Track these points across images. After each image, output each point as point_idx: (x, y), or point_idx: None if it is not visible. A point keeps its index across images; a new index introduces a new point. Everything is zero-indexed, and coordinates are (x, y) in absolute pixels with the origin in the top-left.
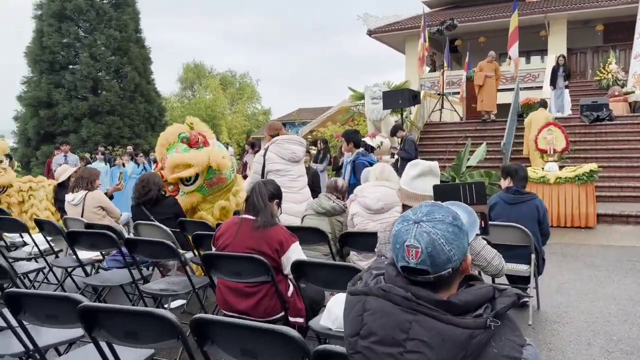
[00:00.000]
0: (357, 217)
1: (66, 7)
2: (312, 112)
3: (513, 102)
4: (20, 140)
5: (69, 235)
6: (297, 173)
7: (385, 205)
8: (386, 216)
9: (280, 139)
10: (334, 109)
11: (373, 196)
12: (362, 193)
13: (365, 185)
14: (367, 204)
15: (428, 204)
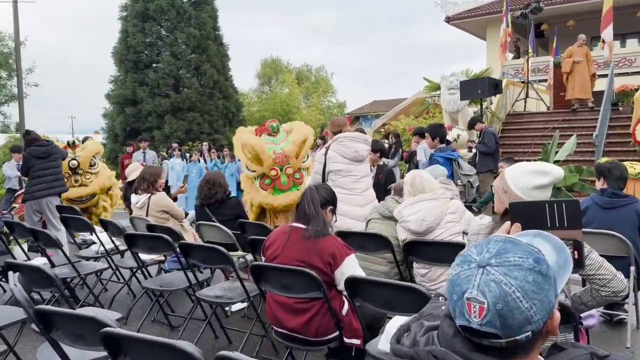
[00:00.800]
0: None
1: (149, 8)
2: (386, 105)
3: (607, 90)
4: (108, 137)
5: (127, 238)
6: (361, 173)
7: (432, 223)
8: (439, 233)
9: (343, 137)
10: (408, 101)
11: (414, 218)
12: (402, 216)
13: (402, 206)
14: (412, 229)
15: (500, 239)
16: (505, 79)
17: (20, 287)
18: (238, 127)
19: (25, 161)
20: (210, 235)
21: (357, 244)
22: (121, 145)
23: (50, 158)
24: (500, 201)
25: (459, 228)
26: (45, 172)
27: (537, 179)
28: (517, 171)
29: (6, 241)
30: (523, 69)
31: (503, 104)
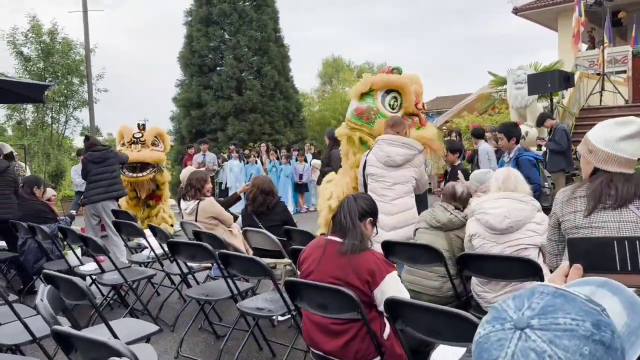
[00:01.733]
0: (477, 239)
1: (212, 12)
2: (450, 101)
3: None
4: (176, 139)
5: (170, 246)
6: (394, 180)
7: (514, 223)
8: (516, 237)
9: (381, 139)
10: (472, 97)
11: (496, 212)
12: (481, 208)
13: (484, 199)
14: (490, 223)
15: (548, 290)
16: (579, 71)
17: (46, 302)
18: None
19: (83, 166)
20: (256, 241)
21: (405, 255)
22: (187, 148)
23: (106, 163)
24: (587, 163)
25: (539, 240)
26: (101, 177)
27: (622, 129)
28: (599, 127)
29: (61, 246)
30: (598, 60)
31: (576, 98)
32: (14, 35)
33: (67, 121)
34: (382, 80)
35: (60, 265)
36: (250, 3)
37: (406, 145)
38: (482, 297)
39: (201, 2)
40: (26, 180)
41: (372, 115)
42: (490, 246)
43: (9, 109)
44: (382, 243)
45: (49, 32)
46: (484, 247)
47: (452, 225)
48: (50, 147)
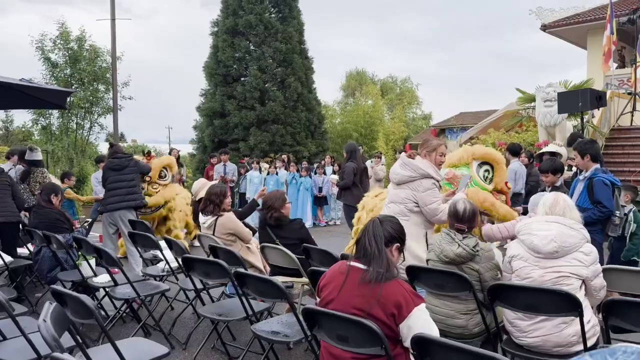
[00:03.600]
0: (517, 261)
1: (238, 23)
2: (474, 117)
3: None
4: (198, 148)
5: (184, 261)
6: (390, 198)
7: (560, 248)
8: (559, 264)
9: (400, 157)
10: (498, 113)
11: (543, 234)
12: (527, 229)
13: (532, 220)
14: (535, 245)
15: (631, 350)
16: (609, 90)
17: (49, 323)
18: (319, 139)
19: (103, 173)
20: (274, 258)
21: (431, 282)
22: (209, 157)
23: (125, 171)
24: None
25: (584, 272)
26: (119, 185)
27: None
28: None
29: (76, 256)
30: (630, 79)
31: (606, 118)
32: (43, 41)
33: (92, 127)
34: (481, 152)
35: (74, 275)
36: (276, 15)
37: (407, 166)
38: (516, 325)
39: (228, 13)
40: (44, 187)
41: (467, 182)
42: (530, 269)
43: (35, 114)
44: (407, 268)
45: (77, 39)
46: (523, 270)
47: (461, 259)
48: (74, 152)
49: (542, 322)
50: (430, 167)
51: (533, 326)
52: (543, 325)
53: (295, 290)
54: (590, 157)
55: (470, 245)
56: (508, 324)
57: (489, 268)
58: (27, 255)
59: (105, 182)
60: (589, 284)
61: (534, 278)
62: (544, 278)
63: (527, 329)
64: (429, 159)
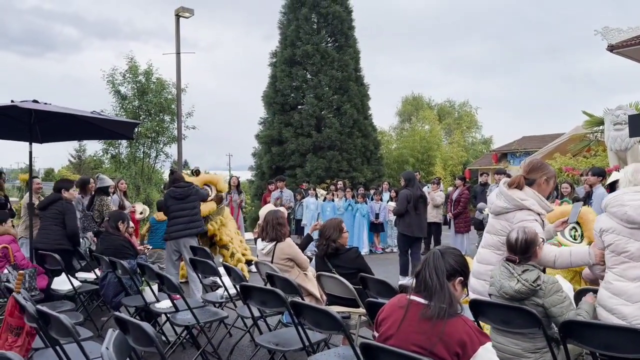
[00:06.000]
0: (610, 235)
1: (296, 54)
2: (538, 140)
3: None
4: (256, 174)
5: (242, 289)
6: (487, 228)
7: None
8: None
9: (502, 181)
10: (564, 137)
11: (637, 204)
12: (617, 201)
13: (619, 193)
14: (629, 216)
15: None
16: None
17: (111, 351)
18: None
19: (164, 200)
20: (330, 287)
21: (497, 317)
22: (267, 183)
23: (188, 200)
24: None
25: None
26: (182, 213)
27: None
28: None
29: (139, 281)
30: None
31: None
32: (113, 75)
33: (157, 156)
34: (561, 212)
35: (137, 301)
36: (332, 44)
37: (504, 197)
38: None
39: (286, 44)
40: (111, 215)
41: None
42: (625, 242)
43: (105, 144)
44: (471, 302)
45: (145, 73)
46: (618, 244)
47: (521, 296)
48: (141, 180)
49: None
50: (534, 197)
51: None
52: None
53: (352, 321)
54: None
55: (531, 280)
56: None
57: (557, 302)
58: (94, 280)
59: (167, 210)
60: None
61: (632, 251)
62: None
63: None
64: (540, 188)
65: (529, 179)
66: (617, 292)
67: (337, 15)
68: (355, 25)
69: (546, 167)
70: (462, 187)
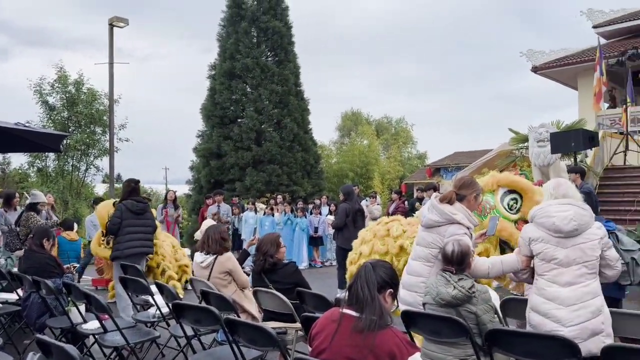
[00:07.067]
0: (538, 244)
1: (235, 67)
2: (469, 156)
3: None
4: (194, 188)
5: (174, 307)
6: (417, 240)
7: (579, 226)
8: (579, 241)
9: (432, 196)
10: (492, 153)
11: (563, 215)
12: (545, 212)
13: (545, 205)
14: (557, 226)
15: None
16: (601, 130)
17: None
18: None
19: (119, 213)
20: (267, 303)
21: (427, 328)
22: (205, 197)
23: (146, 216)
24: None
25: (599, 246)
26: (139, 229)
27: None
28: None
29: (65, 301)
30: (621, 119)
31: (600, 158)
32: (41, 85)
33: (87, 169)
34: (507, 180)
35: (63, 322)
36: (272, 59)
37: (436, 211)
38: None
39: (225, 57)
40: (36, 231)
41: (486, 209)
42: (553, 250)
43: (31, 157)
44: (402, 313)
45: (75, 83)
46: (547, 252)
47: (457, 302)
48: (70, 195)
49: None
50: (464, 212)
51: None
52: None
53: (289, 336)
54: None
55: (466, 287)
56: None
57: (486, 310)
58: (15, 301)
59: (120, 225)
60: (604, 255)
61: (560, 259)
62: (570, 257)
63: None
64: (469, 204)
65: (459, 195)
66: (551, 297)
67: (276, 30)
68: (295, 41)
69: (475, 184)
70: (398, 201)
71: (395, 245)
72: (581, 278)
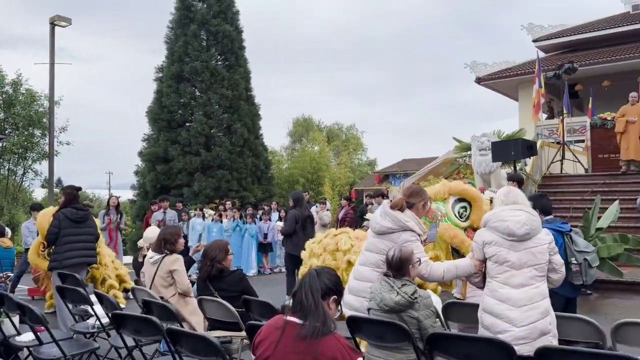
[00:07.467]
0: (492, 247)
1: (184, 70)
2: (416, 163)
3: None
4: (139, 194)
5: (114, 318)
6: (366, 246)
7: (531, 230)
8: (530, 245)
9: (383, 203)
10: (438, 161)
11: (516, 219)
12: (498, 217)
13: (498, 210)
14: (510, 229)
15: None
16: (540, 140)
17: None
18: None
19: (58, 221)
20: (212, 311)
21: (372, 333)
22: (150, 203)
23: (86, 224)
24: None
25: (547, 250)
26: (79, 238)
27: None
28: None
29: None
30: (558, 129)
31: (538, 166)
32: None
33: (25, 173)
34: (458, 188)
35: None
36: (222, 63)
37: (389, 218)
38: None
39: (173, 60)
40: None
41: (438, 217)
42: (506, 254)
43: None
44: (348, 319)
45: (13, 83)
46: (500, 255)
47: (400, 307)
48: (5, 200)
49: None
50: (414, 219)
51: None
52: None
53: (234, 345)
54: (539, 211)
55: (409, 293)
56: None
57: (428, 315)
58: None
59: (59, 234)
60: (550, 259)
61: (513, 261)
62: (522, 260)
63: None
64: (417, 211)
65: (409, 202)
66: (503, 299)
67: (227, 34)
68: (245, 45)
69: (424, 192)
70: (348, 207)
71: (344, 260)
72: (532, 280)
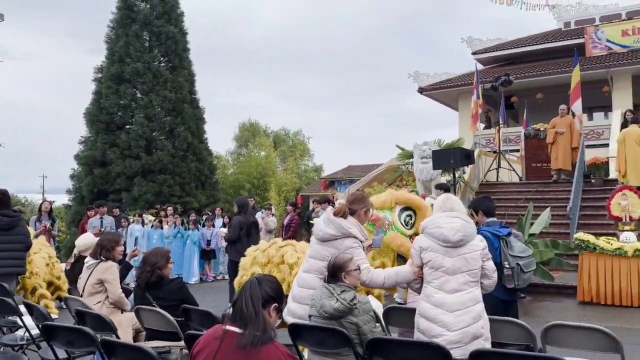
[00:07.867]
0: (428, 252)
1: (124, 70)
2: (361, 170)
3: (578, 162)
4: (75, 198)
5: (44, 329)
6: (310, 252)
7: (465, 237)
8: (464, 251)
9: (327, 211)
10: (382, 168)
11: (450, 226)
12: (435, 224)
13: (435, 217)
14: (445, 236)
15: None
16: (477, 149)
17: None
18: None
19: None
20: (150, 321)
21: (313, 339)
22: (86, 209)
23: (14, 232)
24: None
25: (481, 257)
26: (5, 247)
27: None
28: None
29: None
30: (494, 139)
31: (475, 174)
32: None
33: None
34: (404, 197)
35: None
36: (165, 64)
37: (333, 225)
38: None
39: (113, 60)
40: None
41: (385, 225)
42: (441, 259)
43: None
44: (289, 326)
45: None
46: (435, 260)
47: (339, 314)
48: None
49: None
50: (357, 226)
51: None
52: None
53: (173, 356)
54: (483, 213)
55: (348, 299)
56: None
57: (367, 320)
58: None
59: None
60: (483, 265)
61: (447, 267)
62: (456, 265)
63: None
64: (359, 218)
65: (351, 209)
66: (438, 304)
67: (170, 35)
68: (190, 48)
69: (366, 199)
70: (293, 213)
71: (293, 274)
72: (465, 285)
